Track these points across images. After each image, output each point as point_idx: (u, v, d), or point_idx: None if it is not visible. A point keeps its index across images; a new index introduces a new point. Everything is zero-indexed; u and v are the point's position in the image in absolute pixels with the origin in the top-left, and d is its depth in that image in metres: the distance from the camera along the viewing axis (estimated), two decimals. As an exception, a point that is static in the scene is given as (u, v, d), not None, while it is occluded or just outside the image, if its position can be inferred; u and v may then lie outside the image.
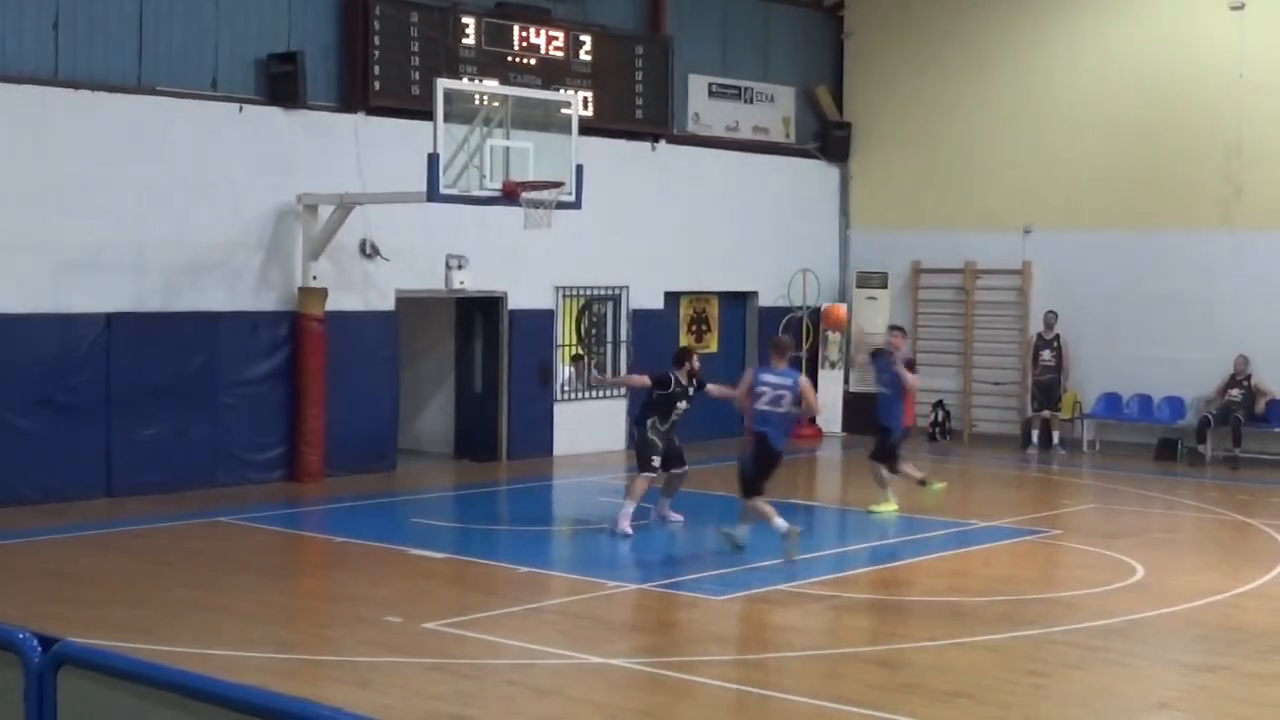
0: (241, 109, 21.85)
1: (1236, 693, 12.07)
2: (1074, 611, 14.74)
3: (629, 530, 18.53)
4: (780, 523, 16.99)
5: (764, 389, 17.48)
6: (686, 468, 19.41)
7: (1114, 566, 17.01)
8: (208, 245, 21.49)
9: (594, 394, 26.13)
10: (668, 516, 19.34)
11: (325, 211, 22.01)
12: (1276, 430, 26.12)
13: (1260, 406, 26.05)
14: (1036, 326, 28.13)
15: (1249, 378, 26.02)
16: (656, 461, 18.99)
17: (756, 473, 17.57)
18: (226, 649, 12.64)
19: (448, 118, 19.92)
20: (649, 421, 19.05)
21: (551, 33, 25.15)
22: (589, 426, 25.79)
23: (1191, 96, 26.91)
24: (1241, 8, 26.34)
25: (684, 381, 19.17)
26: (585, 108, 24.45)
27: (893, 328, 22.44)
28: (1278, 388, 26.07)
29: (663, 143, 27.41)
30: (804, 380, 18.00)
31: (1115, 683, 12.36)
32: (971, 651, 13.13)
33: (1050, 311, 27.70)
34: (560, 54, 25.24)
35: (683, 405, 19.16)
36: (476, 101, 20.71)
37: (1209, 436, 26.15)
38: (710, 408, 28.07)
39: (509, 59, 24.50)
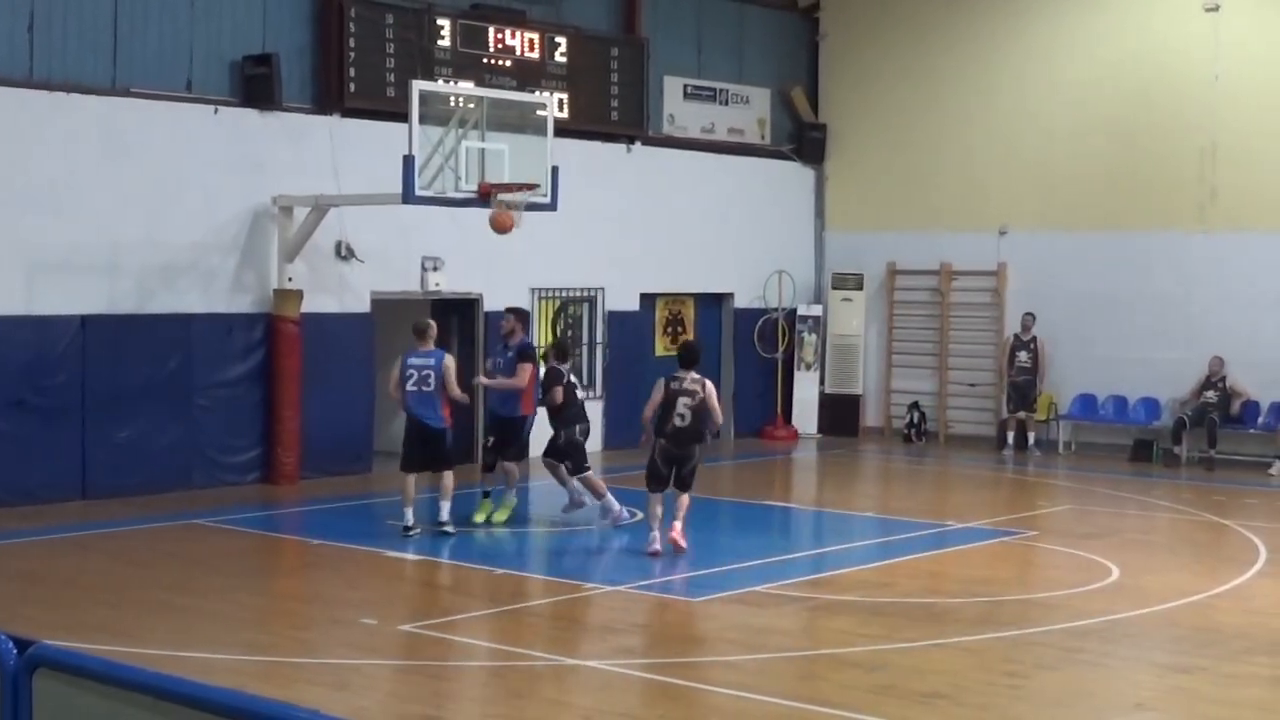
0: (216, 111, 21.80)
1: (1212, 693, 12.10)
2: (1050, 612, 14.77)
3: (626, 515, 19.16)
4: (408, 512, 18.33)
5: (411, 371, 18.42)
6: None
7: (1090, 567, 17.04)
8: (182, 247, 21.44)
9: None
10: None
11: (300, 213, 21.97)
12: (1251, 432, 26.18)
13: (1235, 408, 26.09)
14: (1012, 327, 28.16)
15: (1224, 379, 26.07)
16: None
17: (411, 450, 18.65)
18: (202, 651, 12.60)
19: (423, 119, 19.89)
20: (578, 427, 19.45)
21: (527, 34, 25.14)
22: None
23: (1167, 98, 26.97)
24: (1216, 9, 26.41)
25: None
26: (560, 109, 24.44)
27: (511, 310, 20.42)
28: (1253, 389, 26.14)
29: (638, 144, 27.41)
30: (448, 359, 18.67)
31: (1092, 684, 12.38)
32: (948, 653, 13.14)
33: (1028, 313, 27.71)
34: (535, 56, 25.23)
35: None
36: (451, 103, 20.68)
37: (1184, 438, 26.19)
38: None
39: (484, 60, 24.48)
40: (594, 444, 25.91)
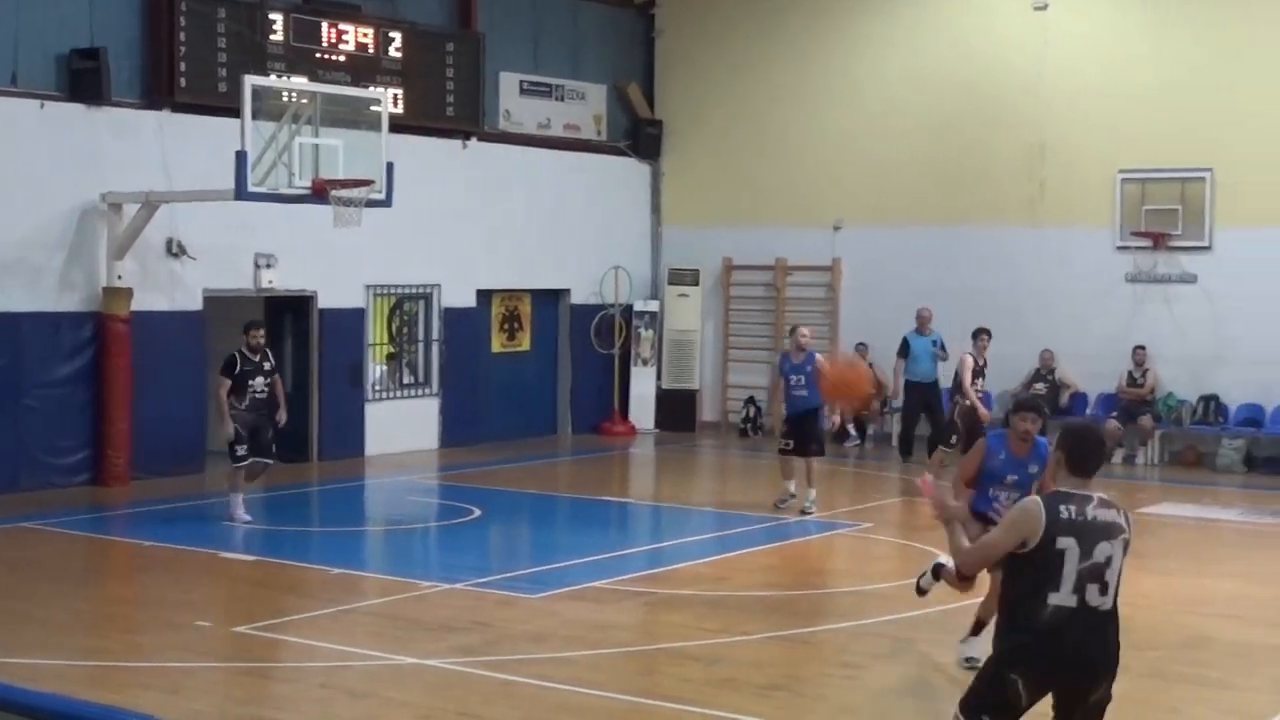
0: (43, 105, 21.41)
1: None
2: (885, 603, 14.91)
3: (246, 518, 18.95)
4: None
5: (791, 376, 20.51)
6: (270, 461, 19.52)
7: (923, 559, 17.20)
8: (9, 244, 21.04)
9: (406, 393, 26.04)
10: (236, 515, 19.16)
11: (130, 210, 21.65)
12: (1080, 423, 26.56)
13: (1064, 400, 26.53)
14: (849, 322, 28.30)
15: (1053, 371, 26.50)
16: (241, 450, 18.99)
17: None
18: (31, 657, 12.38)
19: (256, 115, 19.72)
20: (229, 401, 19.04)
21: (361, 29, 24.93)
22: (401, 426, 25.62)
23: (997, 95, 27.35)
24: (1044, 8, 26.83)
25: (253, 358, 19.14)
26: (395, 105, 24.28)
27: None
28: (1081, 381, 26.61)
29: (474, 140, 27.30)
30: (819, 358, 20.65)
31: (926, 673, 12.51)
32: (785, 645, 13.24)
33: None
34: (370, 51, 25.05)
35: (259, 381, 19.12)
36: (285, 98, 20.50)
37: (1014, 429, 26.53)
38: (522, 408, 28.11)
39: (318, 55, 24.25)
40: (430, 441, 25.94)
